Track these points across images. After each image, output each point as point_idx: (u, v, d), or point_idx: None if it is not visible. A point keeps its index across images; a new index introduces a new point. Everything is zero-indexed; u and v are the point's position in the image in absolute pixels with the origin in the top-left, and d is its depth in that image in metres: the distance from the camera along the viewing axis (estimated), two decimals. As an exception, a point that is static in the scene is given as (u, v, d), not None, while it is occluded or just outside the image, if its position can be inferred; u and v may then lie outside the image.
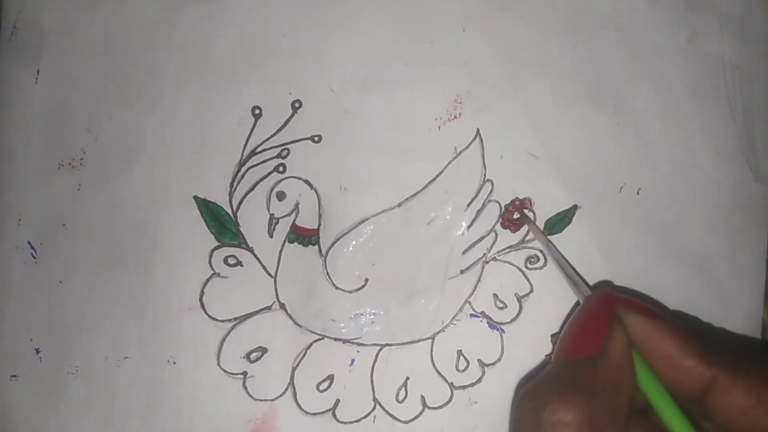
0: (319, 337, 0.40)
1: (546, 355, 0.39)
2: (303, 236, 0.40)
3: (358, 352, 0.40)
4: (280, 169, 0.40)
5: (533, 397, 0.28)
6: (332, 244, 0.40)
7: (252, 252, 0.40)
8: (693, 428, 0.27)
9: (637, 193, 0.40)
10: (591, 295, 0.34)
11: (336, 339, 0.40)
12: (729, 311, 0.41)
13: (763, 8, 0.41)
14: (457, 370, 0.40)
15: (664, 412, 0.28)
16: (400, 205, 0.40)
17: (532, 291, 0.40)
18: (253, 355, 0.39)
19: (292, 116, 0.40)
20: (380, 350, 0.40)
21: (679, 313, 0.40)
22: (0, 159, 0.40)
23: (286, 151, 0.40)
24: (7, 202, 0.39)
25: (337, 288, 0.40)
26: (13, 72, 0.40)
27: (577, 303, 0.36)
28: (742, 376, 0.26)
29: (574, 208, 0.40)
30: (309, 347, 0.39)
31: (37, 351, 0.39)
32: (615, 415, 0.27)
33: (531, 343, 0.39)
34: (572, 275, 0.37)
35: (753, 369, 0.27)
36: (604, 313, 0.31)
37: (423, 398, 0.39)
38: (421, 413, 0.39)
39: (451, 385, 0.39)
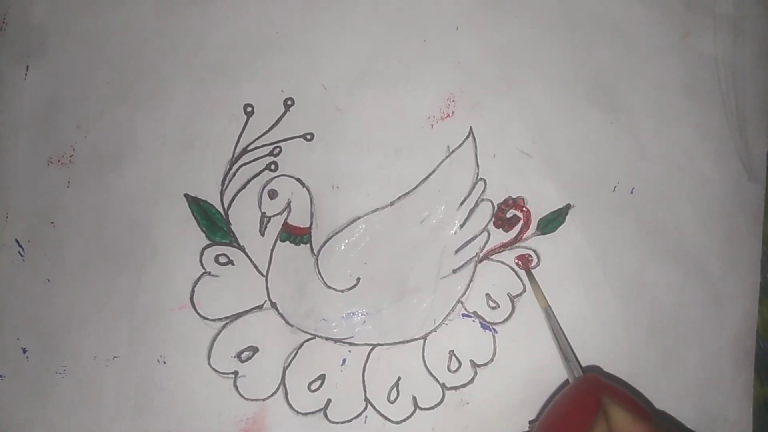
0: (311, 336, 0.39)
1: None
2: (295, 235, 0.39)
3: (349, 351, 0.39)
4: (272, 167, 0.40)
5: None
6: (324, 243, 0.40)
7: (243, 251, 0.39)
8: None
9: (631, 192, 0.40)
10: (577, 380, 0.34)
11: (327, 338, 0.39)
12: (724, 312, 0.40)
13: (755, 7, 0.41)
14: (449, 370, 0.39)
15: None
16: (392, 203, 0.40)
17: (525, 291, 0.40)
18: (244, 355, 0.39)
19: (284, 114, 0.40)
20: (372, 350, 0.39)
21: (663, 413, 0.39)
22: (-12, 155, 0.39)
23: (278, 149, 0.40)
24: (-6, 199, 0.39)
25: (328, 287, 0.39)
26: (2, 67, 0.39)
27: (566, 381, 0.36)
28: None
29: (568, 207, 0.40)
30: (300, 347, 0.39)
31: (24, 350, 0.38)
32: None
33: (524, 343, 0.39)
34: (567, 351, 0.36)
35: None
36: (588, 403, 0.31)
37: (414, 398, 0.39)
38: (412, 413, 0.39)
39: (442, 385, 0.39)
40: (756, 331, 0.41)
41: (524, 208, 0.40)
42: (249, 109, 0.40)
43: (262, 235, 0.39)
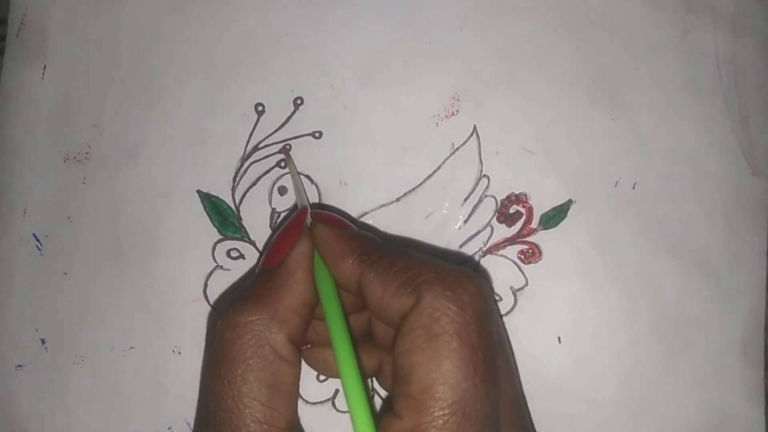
0: (319, 328, 0.40)
1: None
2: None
3: (357, 343, 0.40)
4: (282, 164, 0.41)
5: (229, 302, 0.31)
6: (332, 238, 0.40)
7: (254, 245, 0.40)
8: (347, 326, 0.30)
9: (633, 188, 0.41)
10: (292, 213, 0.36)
11: (335, 330, 0.40)
12: (729, 307, 0.41)
13: (756, 4, 0.42)
14: (454, 361, 0.40)
15: (328, 313, 0.31)
16: (398, 200, 0.41)
17: (527, 284, 0.40)
18: (254, 346, 0.40)
19: (293, 113, 0.41)
20: (379, 342, 0.40)
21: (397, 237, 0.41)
22: (7, 152, 0.41)
23: (288, 146, 0.41)
24: (12, 195, 0.40)
25: (336, 281, 0.40)
26: (21, 68, 0.40)
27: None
28: (377, 270, 0.30)
29: (569, 202, 0.41)
30: (309, 338, 0.40)
31: (43, 341, 0.40)
32: (283, 317, 0.30)
33: (525, 335, 0.40)
34: (300, 190, 0.39)
35: (388, 264, 0.30)
36: (295, 228, 0.34)
37: (420, 389, 0.40)
38: (418, 403, 0.40)
39: (448, 376, 0.40)
40: (765, 327, 0.41)
41: (527, 204, 0.41)
42: (260, 108, 0.41)
43: (272, 230, 0.41)
